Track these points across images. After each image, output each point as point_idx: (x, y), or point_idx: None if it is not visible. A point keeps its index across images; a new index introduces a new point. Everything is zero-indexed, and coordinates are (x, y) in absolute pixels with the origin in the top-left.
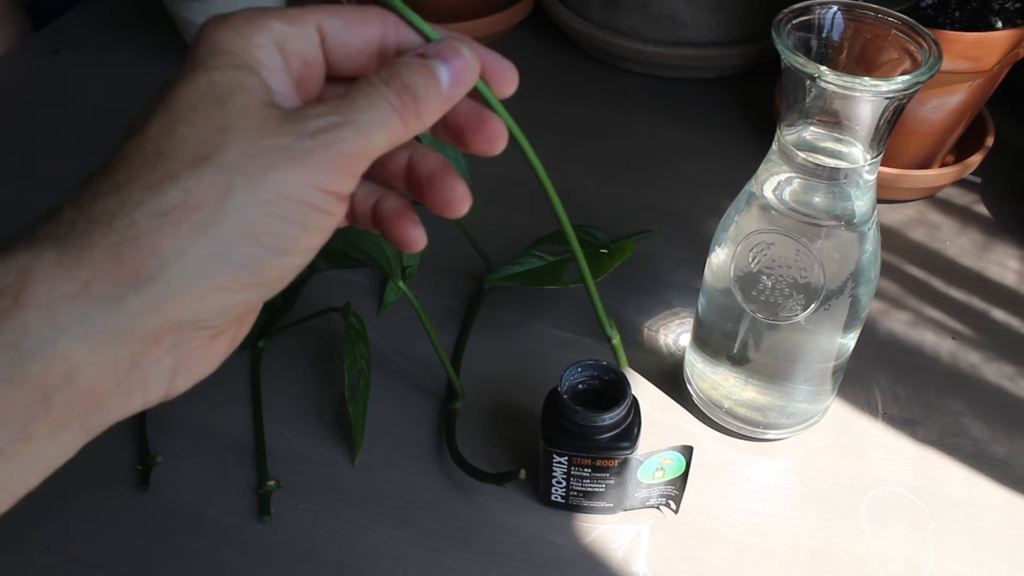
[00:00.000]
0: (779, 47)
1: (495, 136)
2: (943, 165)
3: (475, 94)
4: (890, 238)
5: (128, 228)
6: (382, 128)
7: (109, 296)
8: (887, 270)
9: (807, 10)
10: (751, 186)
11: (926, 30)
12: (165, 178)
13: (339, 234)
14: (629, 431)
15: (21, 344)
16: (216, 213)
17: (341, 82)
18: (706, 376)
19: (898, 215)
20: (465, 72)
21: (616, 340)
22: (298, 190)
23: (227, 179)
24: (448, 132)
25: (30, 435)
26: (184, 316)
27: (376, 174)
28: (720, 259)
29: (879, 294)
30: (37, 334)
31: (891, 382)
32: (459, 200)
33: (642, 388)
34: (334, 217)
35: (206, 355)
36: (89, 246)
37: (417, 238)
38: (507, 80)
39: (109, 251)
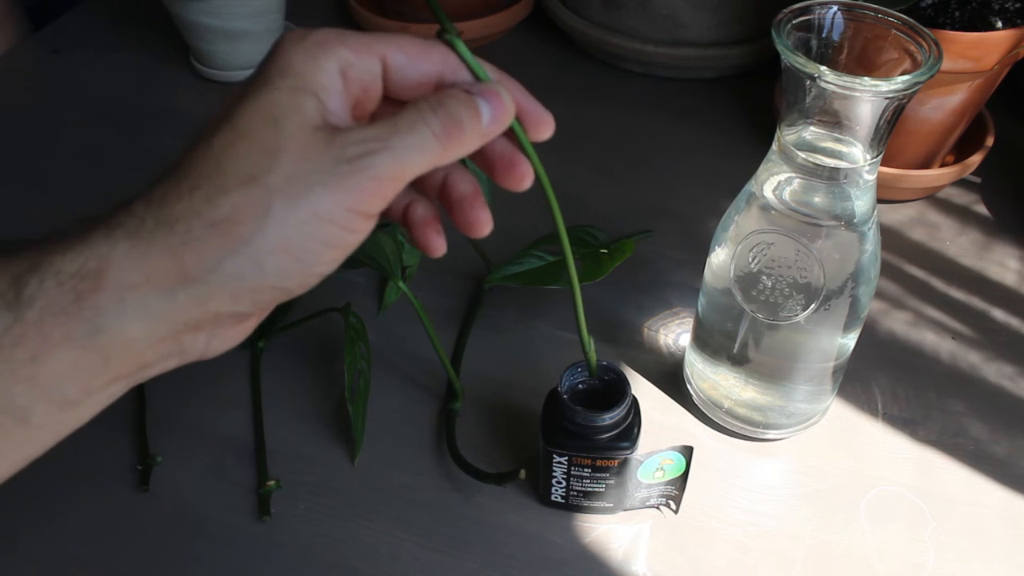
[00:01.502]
0: (779, 47)
1: (522, 177)
2: (943, 165)
3: (512, 137)
4: (890, 238)
5: (185, 233)
6: (419, 152)
7: (164, 289)
8: (887, 270)
9: (807, 10)
10: (751, 186)
11: (926, 30)
12: (220, 192)
13: None
14: (629, 431)
15: (96, 321)
16: (255, 229)
17: (397, 104)
18: (706, 376)
19: (898, 215)
20: (503, 113)
21: (592, 355)
22: (330, 211)
23: (269, 199)
24: (482, 165)
25: (90, 389)
26: (220, 309)
27: (414, 182)
28: (720, 259)
29: (879, 294)
30: (108, 314)
31: (891, 382)
32: (481, 225)
33: (642, 388)
34: (359, 235)
35: (236, 332)
36: (154, 244)
37: (438, 246)
38: (543, 126)
39: (168, 251)
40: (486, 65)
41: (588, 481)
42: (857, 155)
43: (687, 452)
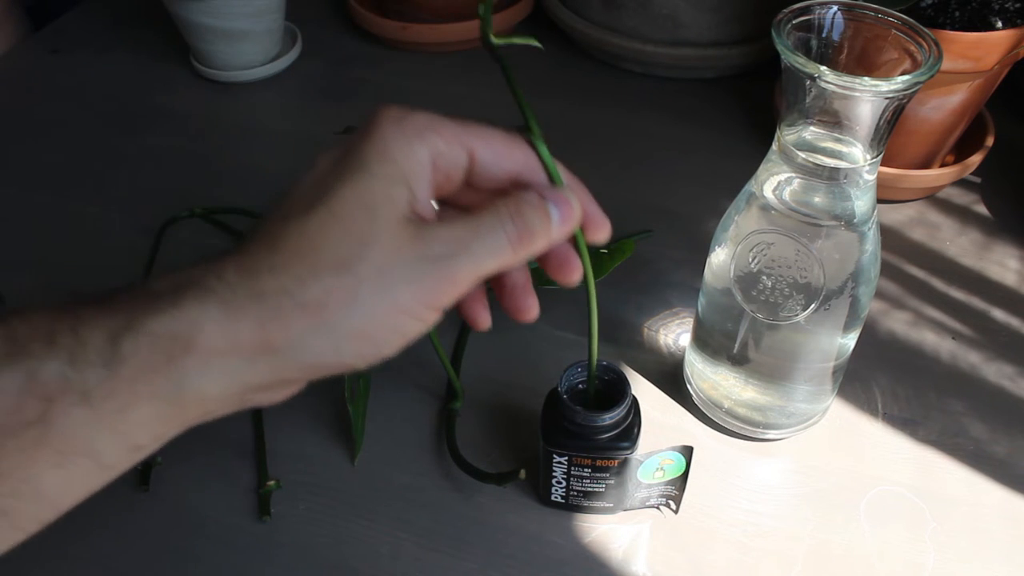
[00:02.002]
0: (779, 47)
1: (572, 273)
2: (943, 165)
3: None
4: (890, 238)
5: (275, 308)
6: (494, 257)
7: (247, 358)
8: (887, 270)
9: (807, 10)
10: (751, 186)
11: (926, 30)
12: (312, 274)
13: None
14: (629, 431)
15: (182, 381)
16: (340, 315)
17: (472, 189)
18: (706, 376)
19: (898, 215)
20: (571, 221)
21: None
22: (409, 305)
23: (357, 288)
24: (537, 257)
25: (160, 436)
26: (289, 377)
27: None
28: (720, 259)
29: (879, 294)
30: (193, 375)
31: (891, 382)
32: (529, 311)
33: (642, 388)
34: (427, 325)
35: (288, 391)
36: (244, 315)
37: (484, 321)
38: (601, 230)
39: (256, 323)
40: (560, 167)
41: (588, 481)
42: (857, 155)
43: (687, 452)
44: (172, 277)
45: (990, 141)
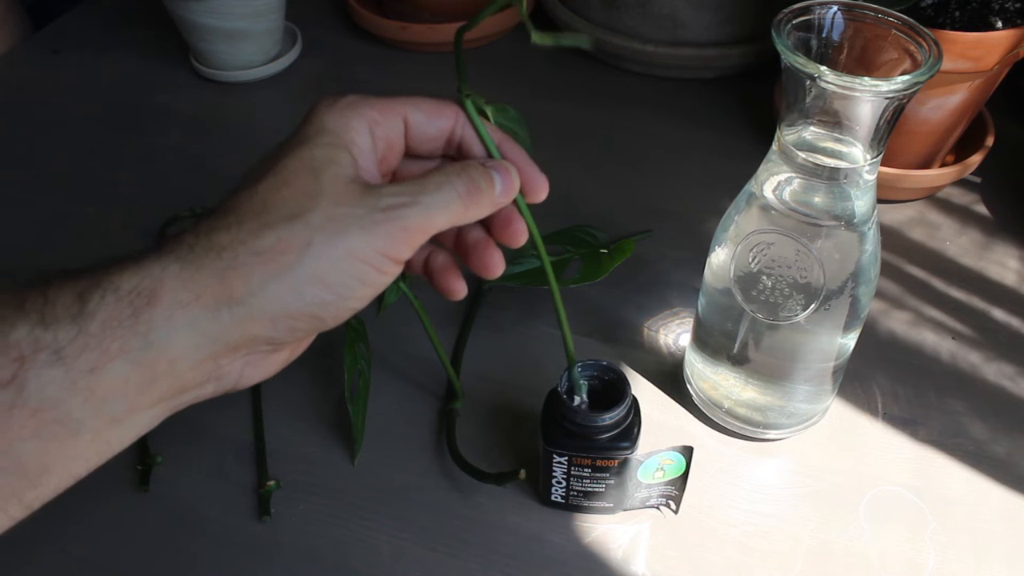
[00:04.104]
0: (779, 47)
1: (517, 235)
2: (943, 165)
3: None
4: (890, 238)
5: (232, 259)
6: (445, 209)
7: (211, 308)
8: (887, 270)
9: (807, 10)
10: (751, 186)
11: (926, 30)
12: (265, 226)
13: None
14: (629, 431)
15: (149, 335)
16: (297, 260)
17: (416, 159)
18: (706, 376)
19: (898, 215)
20: (511, 187)
21: (576, 375)
22: (363, 252)
23: (310, 234)
24: (485, 224)
25: (136, 407)
26: (258, 333)
27: (432, 236)
28: (720, 259)
29: (879, 294)
30: (159, 329)
31: (891, 382)
32: (495, 266)
33: (642, 388)
34: (388, 276)
35: (268, 363)
36: (202, 267)
37: (459, 289)
38: (539, 191)
39: (216, 274)
40: (489, 126)
41: (588, 481)
42: (857, 155)
43: (687, 452)
44: (135, 251)
45: (990, 141)
